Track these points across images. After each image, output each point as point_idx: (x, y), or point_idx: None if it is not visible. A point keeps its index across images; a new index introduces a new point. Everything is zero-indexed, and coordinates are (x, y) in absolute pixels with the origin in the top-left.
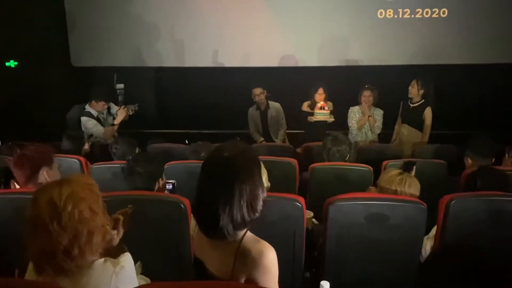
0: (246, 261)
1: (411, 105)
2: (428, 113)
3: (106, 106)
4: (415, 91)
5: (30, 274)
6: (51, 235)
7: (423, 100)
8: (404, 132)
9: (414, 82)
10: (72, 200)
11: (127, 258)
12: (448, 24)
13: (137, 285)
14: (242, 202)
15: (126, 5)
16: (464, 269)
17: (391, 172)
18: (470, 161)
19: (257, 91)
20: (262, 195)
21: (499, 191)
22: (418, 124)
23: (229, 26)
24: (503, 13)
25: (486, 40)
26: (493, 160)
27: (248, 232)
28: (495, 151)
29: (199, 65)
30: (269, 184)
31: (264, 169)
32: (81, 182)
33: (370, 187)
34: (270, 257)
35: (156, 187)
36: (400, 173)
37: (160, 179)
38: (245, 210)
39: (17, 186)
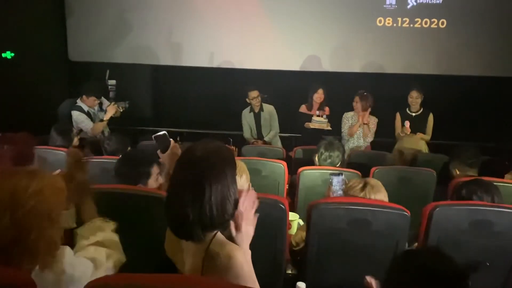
0: (215, 265)
1: (413, 113)
2: (431, 118)
3: (97, 102)
4: (416, 101)
5: None
6: None
7: (422, 109)
8: (406, 140)
9: (416, 94)
10: (36, 198)
11: (65, 257)
12: (447, 35)
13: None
14: (211, 202)
15: (125, 3)
16: (425, 272)
17: (352, 183)
18: (457, 171)
19: (253, 94)
20: (234, 196)
21: (484, 202)
22: (421, 132)
23: (228, 27)
24: (502, 27)
25: (484, 52)
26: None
27: (218, 234)
28: (481, 162)
29: (195, 65)
30: (250, 184)
31: (246, 169)
32: (52, 185)
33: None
34: (239, 260)
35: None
36: (362, 182)
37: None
38: (214, 211)
39: None
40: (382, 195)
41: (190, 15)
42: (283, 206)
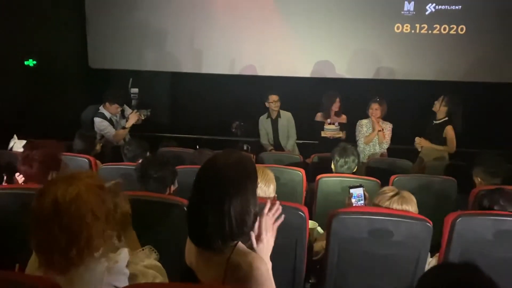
0: (236, 275)
1: (434, 121)
2: (448, 131)
3: (119, 109)
4: (437, 108)
5: (31, 266)
6: (50, 233)
7: (446, 118)
8: (424, 148)
9: (440, 98)
10: (75, 202)
11: (122, 253)
12: (466, 41)
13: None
14: (230, 215)
15: (145, 11)
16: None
17: (385, 191)
18: (479, 179)
19: (274, 97)
20: (254, 209)
21: (508, 211)
22: (438, 141)
23: (246, 34)
24: None
25: (504, 59)
26: (503, 179)
27: (239, 244)
28: (506, 171)
29: (214, 72)
30: (275, 195)
31: (273, 179)
32: (88, 183)
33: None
34: (261, 270)
35: (167, 193)
36: (395, 192)
37: (172, 185)
38: (233, 223)
39: (20, 181)
40: (410, 207)
41: (209, 23)
42: (303, 214)
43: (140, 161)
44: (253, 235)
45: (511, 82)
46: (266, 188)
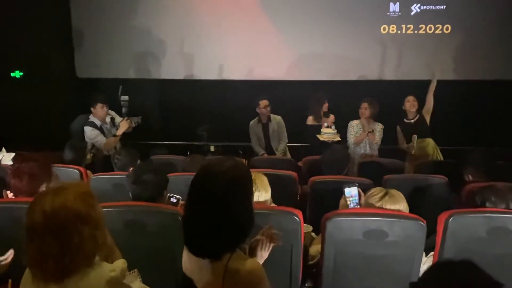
0: (235, 281)
1: (411, 121)
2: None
3: (105, 109)
4: (409, 106)
5: (24, 281)
6: (42, 243)
7: (418, 115)
8: (417, 146)
9: (413, 98)
10: (64, 210)
11: (119, 264)
12: (452, 40)
13: None
14: (227, 222)
15: (132, 19)
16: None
17: (373, 192)
18: (470, 177)
19: (265, 102)
20: (250, 215)
21: (500, 209)
22: (426, 133)
23: (234, 40)
24: (506, 31)
25: (489, 56)
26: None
27: (236, 250)
28: (496, 168)
29: (203, 78)
30: (271, 200)
31: (267, 184)
32: (75, 191)
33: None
34: (259, 275)
35: (162, 199)
36: (383, 192)
37: (164, 190)
38: (231, 231)
39: (10, 196)
40: (401, 206)
41: (196, 29)
42: (297, 218)
43: (131, 169)
44: (246, 250)
45: (499, 79)
46: (261, 194)
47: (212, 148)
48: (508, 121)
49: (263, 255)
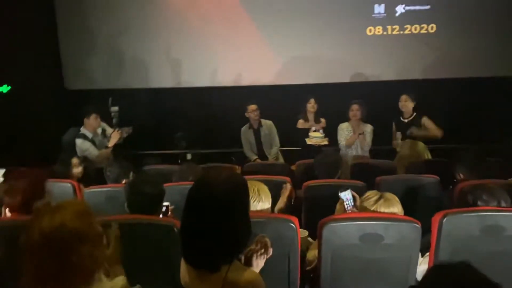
0: None
1: (405, 120)
2: (426, 120)
3: (97, 121)
4: (405, 106)
5: None
6: (41, 263)
7: (415, 113)
8: (406, 146)
9: (405, 97)
10: (61, 229)
11: (119, 282)
12: (437, 39)
13: None
14: (225, 234)
15: (119, 29)
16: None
17: (368, 196)
18: (461, 176)
19: (253, 107)
20: (248, 226)
21: (492, 207)
22: (412, 138)
23: (222, 47)
24: (489, 29)
25: (476, 53)
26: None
27: (234, 261)
28: (487, 165)
29: (192, 86)
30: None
31: (268, 193)
32: (73, 210)
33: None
34: (258, 285)
35: (160, 212)
36: (378, 196)
37: (162, 202)
38: (229, 242)
39: (8, 214)
40: (395, 209)
41: (186, 37)
42: (293, 225)
43: (124, 181)
44: (242, 259)
45: (484, 77)
46: (264, 204)
47: (188, 156)
48: (495, 117)
49: (259, 263)
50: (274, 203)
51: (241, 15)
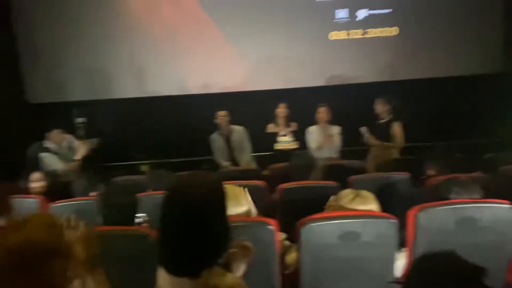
0: None
1: (379, 121)
2: (395, 127)
3: (62, 135)
4: (380, 108)
5: None
6: (11, 284)
7: (391, 116)
8: (376, 148)
9: (377, 100)
10: (27, 246)
11: None
12: (400, 41)
13: None
14: (204, 238)
15: (81, 40)
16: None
17: (344, 195)
18: (432, 171)
19: (222, 113)
20: (227, 229)
21: (466, 199)
22: (386, 140)
23: (187, 54)
24: (451, 31)
25: (437, 54)
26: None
27: (215, 266)
28: (457, 160)
29: (159, 94)
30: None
31: (244, 195)
32: (38, 224)
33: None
34: None
35: (136, 223)
36: (354, 194)
37: (136, 213)
38: (208, 246)
39: None
40: (372, 206)
41: (150, 45)
42: (272, 228)
43: (93, 194)
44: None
45: (448, 76)
46: (238, 207)
47: (143, 168)
48: (458, 115)
49: (240, 267)
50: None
51: (206, 21)
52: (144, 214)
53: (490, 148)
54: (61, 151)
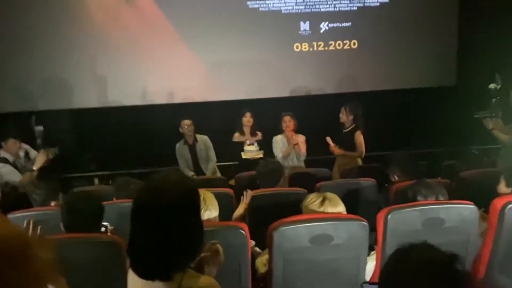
0: None
1: (344, 130)
2: (357, 136)
3: (18, 144)
4: (344, 118)
5: None
6: None
7: (354, 125)
8: (341, 156)
9: (342, 109)
10: None
11: None
12: (359, 54)
13: None
14: (177, 241)
15: (38, 45)
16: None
17: (312, 198)
18: (396, 178)
19: (187, 122)
20: (200, 231)
21: (432, 200)
22: (350, 148)
23: (151, 64)
24: (407, 45)
25: (394, 67)
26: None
27: (188, 269)
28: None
29: (121, 105)
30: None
31: (214, 200)
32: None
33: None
34: None
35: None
36: (322, 197)
37: (101, 220)
38: (181, 249)
39: None
40: (340, 208)
41: (111, 54)
42: (243, 232)
43: (53, 204)
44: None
45: (406, 88)
46: (212, 212)
47: (96, 181)
48: (419, 125)
49: (211, 271)
50: (220, 213)
51: (169, 31)
52: (107, 223)
53: (447, 155)
54: (18, 162)
